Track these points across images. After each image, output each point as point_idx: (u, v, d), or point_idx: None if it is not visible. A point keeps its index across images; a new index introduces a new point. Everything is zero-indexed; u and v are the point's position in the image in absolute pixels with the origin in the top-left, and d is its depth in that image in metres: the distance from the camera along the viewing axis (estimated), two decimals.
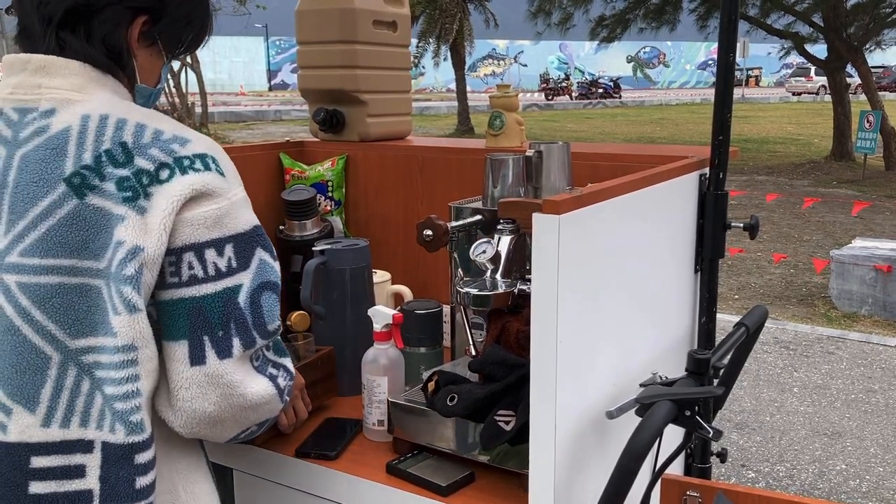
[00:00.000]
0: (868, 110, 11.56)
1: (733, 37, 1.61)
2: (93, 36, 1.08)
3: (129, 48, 1.12)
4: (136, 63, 1.14)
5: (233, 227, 1.04)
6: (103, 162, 1.00)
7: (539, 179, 1.52)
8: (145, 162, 1.01)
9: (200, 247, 1.01)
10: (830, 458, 3.41)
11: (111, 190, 0.99)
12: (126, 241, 0.98)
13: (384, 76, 2.20)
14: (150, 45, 1.15)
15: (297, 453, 1.42)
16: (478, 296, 1.36)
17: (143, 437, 1.02)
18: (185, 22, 1.17)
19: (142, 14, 1.11)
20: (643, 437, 1.03)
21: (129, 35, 1.11)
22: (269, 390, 1.09)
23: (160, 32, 1.15)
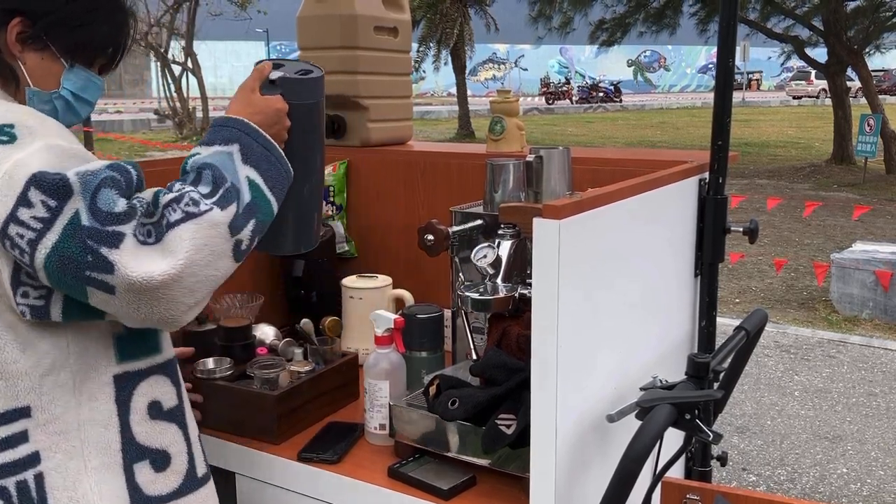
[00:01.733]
0: (868, 114, 11.56)
1: (732, 41, 1.61)
2: None
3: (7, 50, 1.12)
4: (25, 66, 1.14)
5: (22, 176, 0.99)
6: None
7: (539, 184, 1.53)
8: None
9: (12, 215, 0.98)
10: (831, 461, 3.41)
11: None
12: None
13: (385, 81, 2.21)
14: (41, 49, 1.14)
15: (300, 457, 1.43)
16: (479, 300, 1.37)
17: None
18: (76, 24, 1.15)
19: (14, 15, 1.12)
20: (643, 440, 1.03)
21: (7, 36, 1.12)
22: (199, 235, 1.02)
23: (47, 35, 1.14)
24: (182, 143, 16.74)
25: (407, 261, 2.09)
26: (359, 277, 1.92)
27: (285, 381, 1.56)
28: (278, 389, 1.52)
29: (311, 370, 1.61)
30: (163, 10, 17.39)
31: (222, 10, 18.96)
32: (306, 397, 1.56)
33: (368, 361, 1.50)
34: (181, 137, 17.62)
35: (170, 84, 17.93)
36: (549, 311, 1.09)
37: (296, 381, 1.56)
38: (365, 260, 2.18)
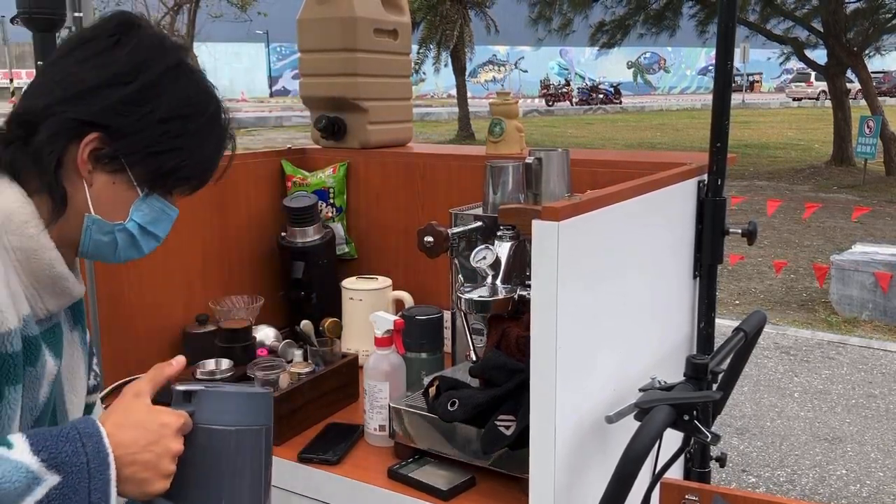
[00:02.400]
0: (868, 115, 11.56)
1: (731, 44, 1.62)
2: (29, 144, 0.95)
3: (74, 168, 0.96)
4: (90, 189, 0.97)
5: None
6: None
7: (539, 186, 1.53)
8: None
9: None
10: (831, 462, 3.41)
11: None
12: None
13: (385, 84, 2.21)
14: (115, 171, 0.97)
15: (300, 458, 1.43)
16: (478, 301, 1.37)
17: None
18: (164, 149, 0.98)
19: (91, 128, 0.95)
20: (642, 441, 1.04)
21: (80, 153, 0.95)
22: None
23: (127, 157, 0.97)
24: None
25: (406, 262, 2.10)
26: (359, 279, 1.93)
27: (285, 383, 1.56)
28: (278, 390, 1.52)
29: (310, 371, 1.61)
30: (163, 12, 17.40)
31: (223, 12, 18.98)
32: (306, 398, 1.57)
33: (368, 363, 1.50)
34: None
35: None
36: (548, 312, 1.10)
37: (296, 383, 1.56)
38: (365, 261, 2.18)
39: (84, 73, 0.97)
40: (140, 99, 0.97)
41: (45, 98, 0.96)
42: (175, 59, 1.02)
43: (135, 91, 0.97)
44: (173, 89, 1.00)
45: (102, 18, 1.04)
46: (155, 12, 17.51)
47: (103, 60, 0.98)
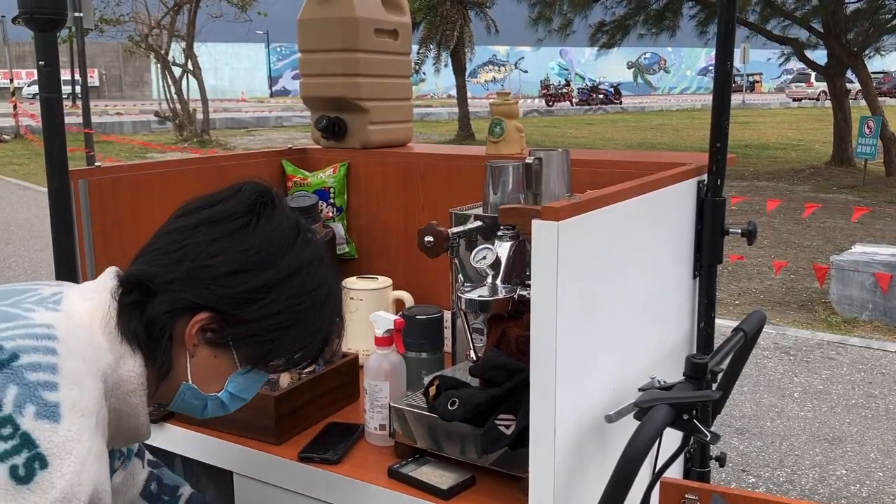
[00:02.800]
0: (868, 116, 11.57)
1: (731, 44, 1.62)
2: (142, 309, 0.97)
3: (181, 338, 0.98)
4: (191, 360, 1.00)
5: None
6: None
7: (539, 186, 1.53)
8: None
9: None
10: (831, 463, 3.41)
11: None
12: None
13: (385, 84, 2.22)
14: (219, 347, 1.00)
15: (300, 457, 1.43)
16: (478, 301, 1.37)
17: None
18: (268, 339, 1.00)
19: (204, 310, 0.98)
20: (641, 440, 1.04)
21: (189, 327, 0.98)
22: None
23: (232, 338, 0.99)
24: (182, 145, 16.76)
25: (407, 262, 2.10)
26: (359, 279, 1.93)
27: (286, 382, 1.57)
28: (279, 390, 1.52)
29: (311, 371, 1.61)
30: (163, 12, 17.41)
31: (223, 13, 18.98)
32: (307, 398, 1.57)
33: (369, 362, 1.50)
34: (181, 139, 17.63)
35: (170, 86, 17.94)
36: (548, 312, 1.10)
37: (296, 382, 1.57)
38: (365, 261, 2.19)
39: (213, 256, 0.98)
40: (263, 292, 0.99)
41: (168, 271, 0.97)
42: (306, 257, 1.03)
43: (259, 284, 0.98)
44: (298, 284, 1.01)
45: (236, 191, 1.04)
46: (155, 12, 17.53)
47: (234, 246, 0.99)
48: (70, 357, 0.89)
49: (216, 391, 1.03)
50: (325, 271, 1.05)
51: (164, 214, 1.04)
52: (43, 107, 1.72)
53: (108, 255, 1.73)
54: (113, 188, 1.74)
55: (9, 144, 18.48)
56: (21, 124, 19.91)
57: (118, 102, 35.68)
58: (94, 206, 1.70)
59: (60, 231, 1.67)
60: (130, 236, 1.77)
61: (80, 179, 1.68)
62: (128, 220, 1.76)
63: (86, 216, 1.69)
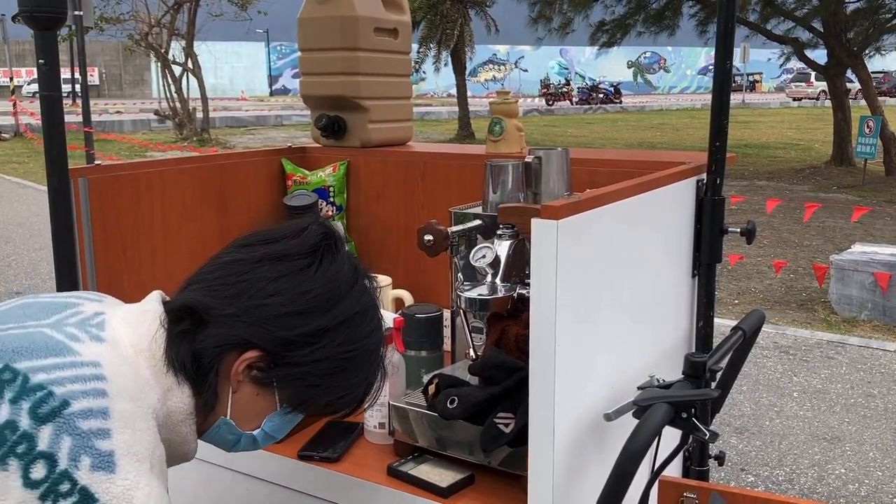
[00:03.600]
0: (868, 115, 11.57)
1: (730, 43, 1.62)
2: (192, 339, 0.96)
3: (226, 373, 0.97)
4: (233, 395, 0.99)
5: None
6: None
7: (538, 185, 1.54)
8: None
9: None
10: (829, 462, 3.42)
11: None
12: None
13: (385, 83, 2.22)
14: (263, 385, 0.99)
15: (300, 455, 1.44)
16: (478, 300, 1.38)
17: None
18: (314, 384, 0.99)
19: (255, 348, 0.96)
20: (640, 438, 1.04)
21: (236, 363, 0.96)
22: None
23: (277, 379, 0.98)
24: (182, 143, 16.76)
25: (406, 261, 2.10)
26: None
27: None
28: None
29: None
30: (163, 11, 17.40)
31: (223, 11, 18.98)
32: None
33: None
34: (181, 138, 17.63)
35: (170, 85, 17.94)
36: (547, 310, 1.10)
37: None
38: (365, 260, 2.18)
39: (272, 294, 0.96)
40: (317, 336, 0.98)
41: (225, 304, 0.96)
42: (363, 304, 1.02)
43: (315, 329, 0.97)
44: (352, 331, 1.00)
45: (302, 230, 1.02)
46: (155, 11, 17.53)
47: (295, 287, 0.98)
48: (120, 398, 0.87)
49: (252, 429, 1.02)
50: (377, 319, 1.05)
51: (164, 212, 1.03)
52: (43, 105, 1.72)
53: (107, 254, 1.73)
54: (113, 186, 1.74)
55: (8, 143, 18.48)
56: (21, 122, 19.92)
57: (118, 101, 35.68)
58: (94, 205, 1.70)
59: (60, 229, 1.67)
60: (130, 234, 1.77)
61: (79, 178, 1.68)
62: (127, 219, 1.77)
63: (85, 214, 1.69)
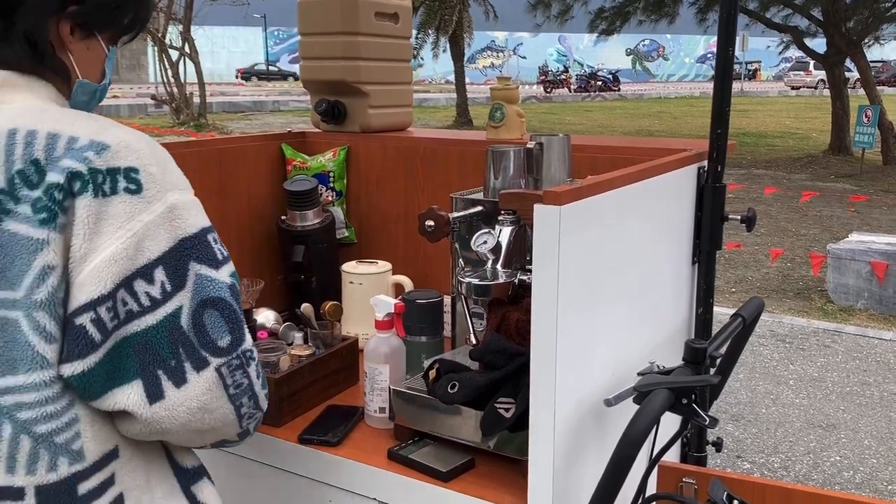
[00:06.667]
0: (866, 105, 11.57)
1: (732, 31, 1.62)
2: (12, 31, 0.99)
3: (61, 44, 1.03)
4: (73, 57, 1.05)
5: (154, 251, 0.93)
6: (16, 184, 0.92)
7: (539, 171, 1.54)
8: (56, 175, 0.91)
9: (127, 280, 0.92)
10: (825, 449, 3.44)
11: (27, 213, 0.90)
12: (56, 266, 0.90)
13: (386, 67, 2.21)
14: (87, 37, 1.06)
15: (300, 440, 1.44)
16: (478, 286, 1.38)
17: (85, 464, 0.94)
18: (115, 6, 1.07)
19: (70, 3, 1.01)
20: (640, 424, 1.05)
21: (60, 29, 1.02)
22: (228, 417, 1.00)
23: (91, 20, 1.05)
24: (179, 128, 16.69)
25: (407, 247, 2.11)
26: (359, 263, 1.93)
27: (286, 365, 1.57)
28: (279, 373, 1.53)
29: (311, 354, 1.62)
30: None
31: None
32: (306, 381, 1.58)
33: (369, 345, 1.51)
34: (178, 123, 17.56)
35: (167, 69, 17.86)
36: (548, 296, 1.11)
37: (296, 365, 1.57)
38: (364, 246, 2.19)
39: None
40: None
41: None
42: None
43: None
44: None
45: None
46: None
47: None
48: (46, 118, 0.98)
49: (99, 80, 1.10)
50: None
51: None
52: None
53: None
54: None
55: None
56: None
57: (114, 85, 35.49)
58: None
59: None
60: None
61: None
62: None
63: None
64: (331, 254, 2.06)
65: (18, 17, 0.98)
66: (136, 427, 0.96)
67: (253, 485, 1.52)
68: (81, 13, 1.03)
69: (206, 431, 1.00)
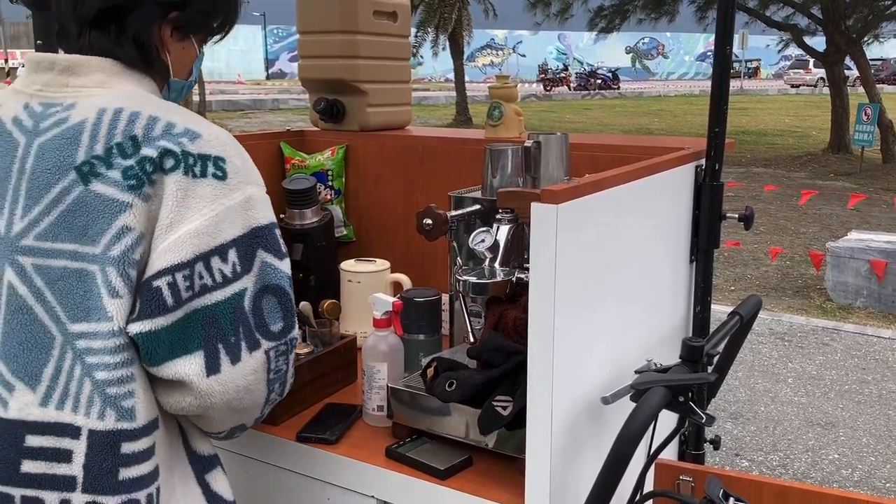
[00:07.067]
0: (866, 103, 11.57)
1: (730, 29, 1.62)
2: (123, 35, 1.11)
3: (162, 45, 1.14)
4: (171, 58, 1.16)
5: (230, 233, 1.04)
6: (113, 153, 1.02)
7: (537, 169, 1.54)
8: (151, 151, 1.02)
9: (206, 255, 1.02)
10: (823, 447, 3.44)
11: (116, 178, 1.01)
12: (134, 228, 1.00)
13: (384, 66, 2.21)
14: (183, 38, 1.17)
15: (299, 438, 1.44)
16: (476, 284, 1.38)
17: (133, 425, 1.03)
18: (210, 10, 1.19)
19: (172, 10, 1.13)
20: (637, 422, 1.05)
21: (162, 32, 1.13)
22: (259, 400, 1.11)
23: (189, 25, 1.16)
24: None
25: (405, 245, 2.11)
26: (357, 261, 1.94)
27: None
28: None
29: (310, 352, 1.62)
30: None
31: None
32: (305, 379, 1.58)
33: (367, 344, 1.51)
34: None
35: None
36: (545, 294, 1.11)
37: (295, 363, 1.57)
38: (363, 244, 2.19)
39: None
40: None
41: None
42: None
43: None
44: None
45: None
46: None
47: None
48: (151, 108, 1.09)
49: (186, 78, 1.21)
50: None
51: None
52: None
53: None
54: None
55: None
56: None
57: None
58: None
59: None
60: None
61: None
62: None
63: None
64: (329, 252, 2.06)
65: (129, 22, 1.11)
66: (187, 400, 1.04)
67: (252, 483, 1.53)
68: (181, 19, 1.14)
69: (240, 411, 1.10)
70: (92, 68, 1.09)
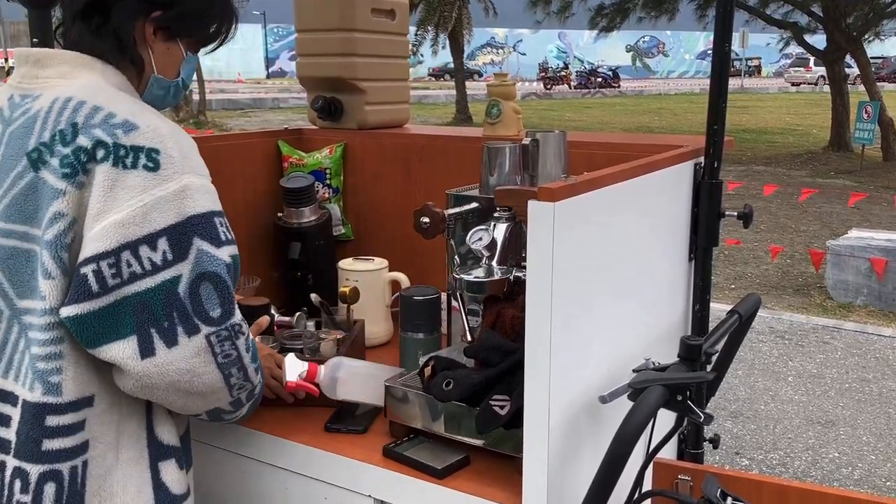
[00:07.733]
0: (866, 101, 11.55)
1: (729, 27, 1.62)
2: (105, 27, 1.17)
3: (143, 41, 1.20)
4: (153, 55, 1.22)
5: (161, 222, 1.07)
6: (56, 140, 1.08)
7: (535, 168, 1.53)
8: (85, 140, 1.06)
9: (133, 244, 1.05)
10: (823, 446, 3.44)
11: (55, 165, 1.07)
12: (66, 214, 1.05)
13: (382, 64, 2.21)
14: (169, 39, 1.22)
15: (327, 429, 1.46)
16: (474, 282, 1.38)
17: (59, 399, 1.08)
18: (198, 17, 1.24)
19: (156, 8, 1.19)
20: (635, 420, 1.05)
21: (145, 28, 1.19)
22: (217, 384, 1.13)
23: (173, 26, 1.21)
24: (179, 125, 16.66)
25: (403, 243, 2.10)
26: (355, 260, 1.93)
27: (330, 349, 1.58)
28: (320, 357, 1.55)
29: (346, 336, 1.64)
30: None
31: None
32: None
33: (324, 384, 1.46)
34: (177, 120, 17.55)
35: None
36: (543, 293, 1.10)
37: (342, 347, 1.60)
38: (361, 242, 2.19)
39: None
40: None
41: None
42: None
43: None
44: None
45: None
46: None
47: None
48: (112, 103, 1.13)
49: (173, 77, 1.26)
50: None
51: None
52: None
53: None
54: None
55: None
56: None
57: None
58: None
59: None
60: None
61: None
62: None
63: None
64: (327, 251, 2.05)
65: (112, 15, 1.17)
66: (128, 381, 1.09)
67: (250, 482, 1.52)
68: (164, 18, 1.20)
69: (195, 395, 1.13)
70: (58, 60, 1.15)
